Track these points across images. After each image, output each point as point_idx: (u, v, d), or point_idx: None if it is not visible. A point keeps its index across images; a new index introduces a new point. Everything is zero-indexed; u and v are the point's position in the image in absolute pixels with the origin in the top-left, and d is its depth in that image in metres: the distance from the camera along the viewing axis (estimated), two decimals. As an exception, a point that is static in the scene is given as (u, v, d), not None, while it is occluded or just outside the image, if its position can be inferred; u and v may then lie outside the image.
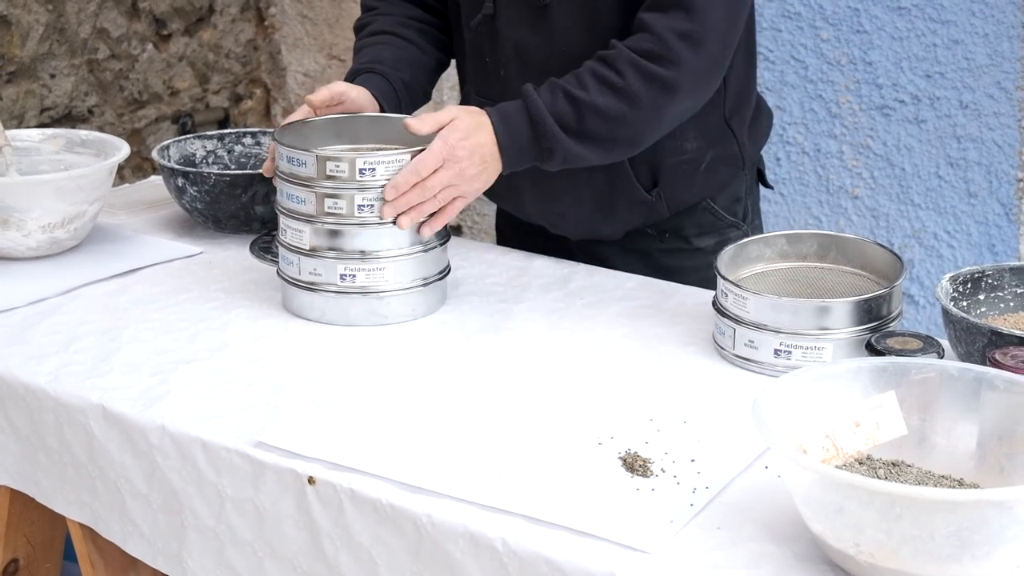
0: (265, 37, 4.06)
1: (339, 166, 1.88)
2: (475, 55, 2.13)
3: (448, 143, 1.89)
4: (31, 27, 3.39)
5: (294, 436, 1.61)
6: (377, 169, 1.88)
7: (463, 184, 1.91)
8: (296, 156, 1.92)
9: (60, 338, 1.90)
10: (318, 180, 1.89)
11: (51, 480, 1.81)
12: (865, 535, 1.29)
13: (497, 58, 2.08)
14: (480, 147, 1.91)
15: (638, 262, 2.16)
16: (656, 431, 1.62)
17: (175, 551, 1.70)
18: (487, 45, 2.10)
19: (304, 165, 1.91)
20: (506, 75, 2.09)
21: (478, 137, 1.91)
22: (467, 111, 1.94)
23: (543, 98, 1.93)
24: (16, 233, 2.12)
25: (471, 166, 1.90)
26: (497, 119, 1.93)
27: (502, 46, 2.08)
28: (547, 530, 1.42)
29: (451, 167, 1.89)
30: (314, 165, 1.89)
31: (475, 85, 2.16)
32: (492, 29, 2.08)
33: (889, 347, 1.68)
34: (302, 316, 1.96)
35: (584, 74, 1.93)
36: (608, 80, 1.92)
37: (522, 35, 2.06)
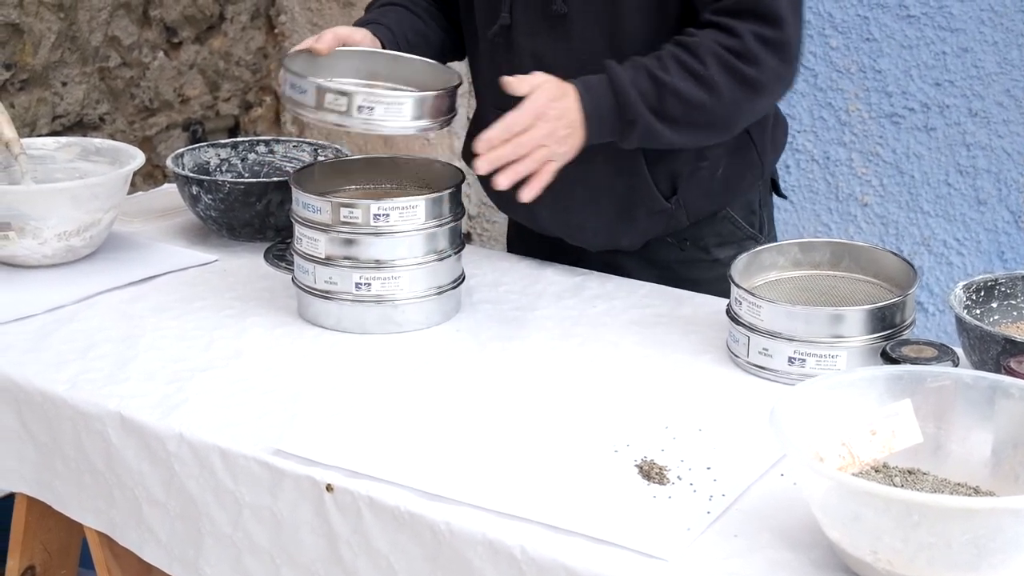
0: (275, 45, 4.07)
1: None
2: (491, 66, 2.13)
3: (537, 105, 1.89)
4: (43, 35, 3.40)
5: (312, 444, 1.62)
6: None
7: (554, 145, 1.90)
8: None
9: (77, 346, 1.91)
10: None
11: (68, 487, 1.82)
12: (882, 542, 1.29)
13: (514, 68, 2.07)
14: (568, 111, 1.91)
15: (656, 273, 2.16)
16: (672, 439, 1.63)
17: (192, 558, 1.71)
18: (503, 55, 2.10)
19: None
20: None
21: (564, 102, 1.91)
22: (551, 78, 1.93)
23: (626, 73, 1.94)
24: (32, 241, 2.13)
25: (561, 127, 1.90)
26: (581, 88, 1.93)
27: (519, 56, 2.08)
28: (565, 537, 1.43)
29: (543, 126, 1.89)
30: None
31: (491, 96, 2.15)
32: (508, 39, 2.09)
33: (904, 355, 1.68)
34: (317, 324, 1.97)
35: (666, 57, 1.94)
36: (690, 67, 1.93)
37: (539, 44, 2.06)
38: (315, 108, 1.86)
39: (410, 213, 1.91)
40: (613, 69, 1.94)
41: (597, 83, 1.94)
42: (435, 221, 1.94)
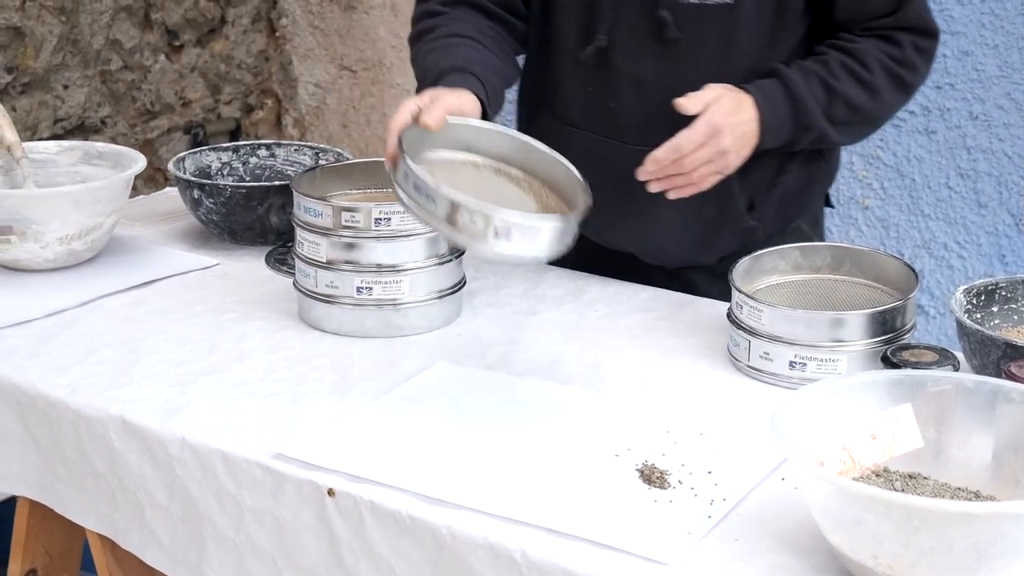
0: (276, 48, 4.08)
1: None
2: (576, 85, 2.10)
3: (712, 122, 1.90)
4: (44, 38, 3.40)
5: (313, 448, 1.62)
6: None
7: (720, 160, 1.92)
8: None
9: (78, 350, 1.91)
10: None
11: (70, 491, 1.82)
12: (883, 547, 1.29)
13: (606, 89, 2.05)
14: (741, 124, 1.93)
15: (726, 287, 2.13)
16: (673, 443, 1.63)
17: (194, 562, 1.71)
18: (594, 76, 2.07)
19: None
20: (616, 107, 2.06)
21: (741, 115, 1.93)
22: (729, 89, 1.95)
23: (800, 79, 1.97)
24: (34, 245, 2.13)
25: (732, 144, 1.92)
26: (759, 96, 1.95)
27: (616, 78, 2.05)
28: (566, 541, 1.43)
29: (713, 145, 1.90)
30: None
31: (567, 113, 2.12)
32: (604, 61, 2.05)
33: (905, 360, 1.68)
34: (319, 328, 1.97)
35: (833, 64, 1.99)
36: (857, 74, 1.98)
37: (643, 68, 2.03)
38: (445, 222, 1.61)
39: (411, 217, 1.91)
40: (787, 76, 1.97)
41: (773, 90, 1.96)
42: (437, 225, 1.93)
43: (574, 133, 2.09)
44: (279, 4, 4.04)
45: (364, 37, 3.92)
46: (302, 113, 4.10)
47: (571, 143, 2.03)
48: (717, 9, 1.98)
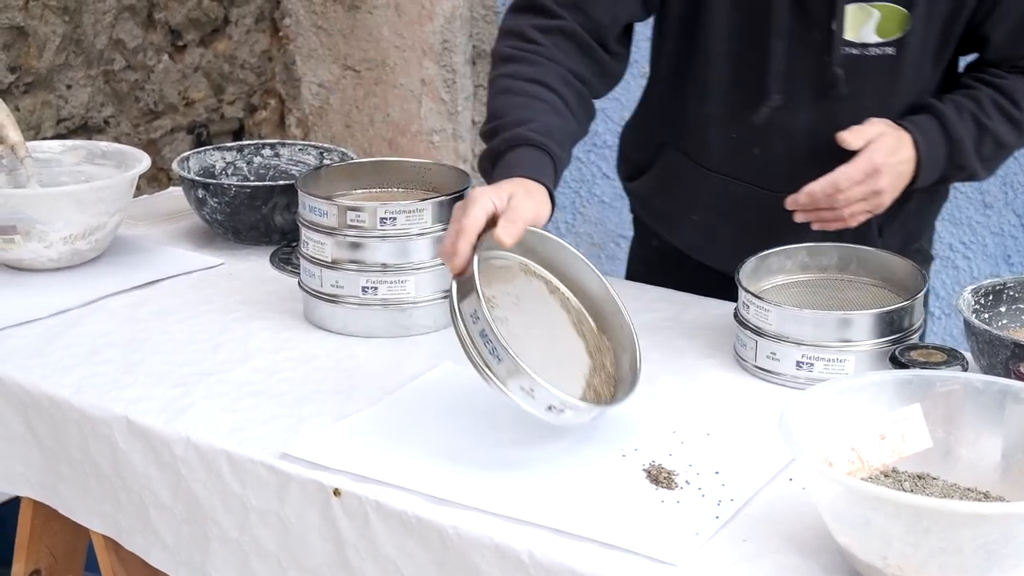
0: (280, 48, 4.07)
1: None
2: (719, 131, 2.05)
3: (873, 161, 1.88)
4: (48, 38, 3.40)
5: (319, 448, 1.61)
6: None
7: (873, 200, 1.91)
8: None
9: (83, 350, 1.91)
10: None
11: (74, 491, 1.82)
12: (892, 548, 1.29)
13: (752, 137, 2.02)
14: (899, 164, 1.92)
15: None
16: (680, 443, 1.62)
17: (199, 563, 1.70)
18: (742, 124, 2.02)
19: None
20: (761, 154, 2.03)
21: (900, 154, 1.92)
22: (890, 126, 1.93)
23: (955, 117, 1.95)
24: (37, 244, 2.13)
25: (888, 185, 1.90)
26: (919, 136, 1.93)
27: (766, 127, 2.01)
28: (573, 542, 1.42)
29: (870, 184, 1.89)
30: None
31: (704, 156, 2.08)
32: (775, 119, 2.01)
33: (913, 360, 1.68)
34: (324, 328, 1.97)
35: (985, 101, 1.98)
36: (1007, 111, 1.98)
37: (800, 119, 2.00)
38: (499, 379, 1.56)
39: (417, 216, 1.91)
40: (943, 113, 1.95)
41: (930, 129, 1.94)
42: (442, 224, 1.93)
43: (711, 176, 2.06)
44: (282, 4, 4.03)
45: (368, 37, 3.91)
46: (305, 113, 4.10)
47: (706, 185, 2.05)
48: (879, 59, 1.95)
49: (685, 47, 2.04)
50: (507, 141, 1.81)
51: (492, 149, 1.83)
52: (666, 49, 2.09)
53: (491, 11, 3.79)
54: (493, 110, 1.89)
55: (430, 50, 3.81)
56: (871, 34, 1.94)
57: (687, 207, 2.15)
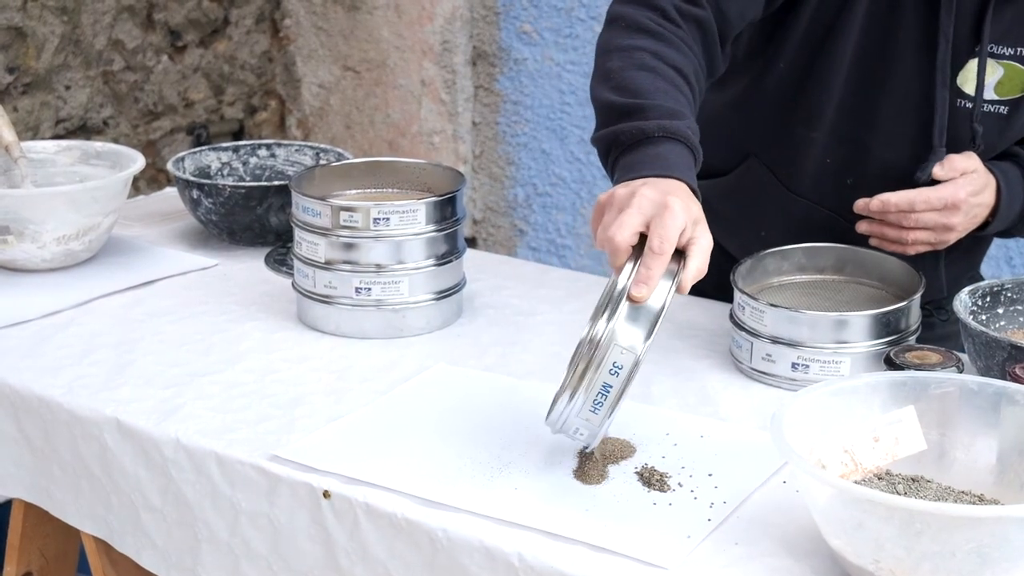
0: (280, 48, 4.07)
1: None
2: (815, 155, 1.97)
3: (956, 196, 1.84)
4: (46, 39, 3.39)
5: (309, 450, 1.60)
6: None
7: (941, 234, 1.87)
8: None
9: (74, 351, 1.90)
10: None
11: (65, 493, 1.81)
12: (885, 551, 1.28)
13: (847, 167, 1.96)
14: (977, 206, 1.88)
15: None
16: (673, 445, 1.61)
17: (189, 565, 1.69)
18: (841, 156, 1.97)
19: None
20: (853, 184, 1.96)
21: (982, 197, 1.88)
22: (980, 167, 1.89)
23: None
24: (31, 245, 2.12)
25: (960, 223, 1.87)
26: (1003, 183, 1.90)
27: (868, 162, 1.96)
28: (564, 545, 1.41)
29: (944, 216, 1.85)
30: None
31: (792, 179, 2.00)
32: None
33: (908, 361, 1.67)
34: (317, 329, 1.96)
35: None
36: None
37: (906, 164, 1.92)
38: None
39: (411, 217, 1.90)
40: None
41: (1015, 178, 1.91)
42: (436, 225, 1.92)
43: (795, 199, 2.00)
44: (282, 5, 4.03)
45: (368, 38, 3.90)
46: (305, 114, 4.09)
47: (787, 206, 2.00)
48: (989, 116, 1.92)
49: (803, 68, 1.93)
50: (664, 129, 1.61)
51: (642, 129, 1.61)
52: (778, 59, 1.94)
53: (491, 12, 3.78)
54: (637, 85, 1.67)
55: (430, 51, 3.80)
56: (989, 91, 1.90)
57: (757, 221, 2.08)
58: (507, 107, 3.80)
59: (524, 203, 3.86)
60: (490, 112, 3.84)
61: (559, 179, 3.79)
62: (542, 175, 3.81)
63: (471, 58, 3.82)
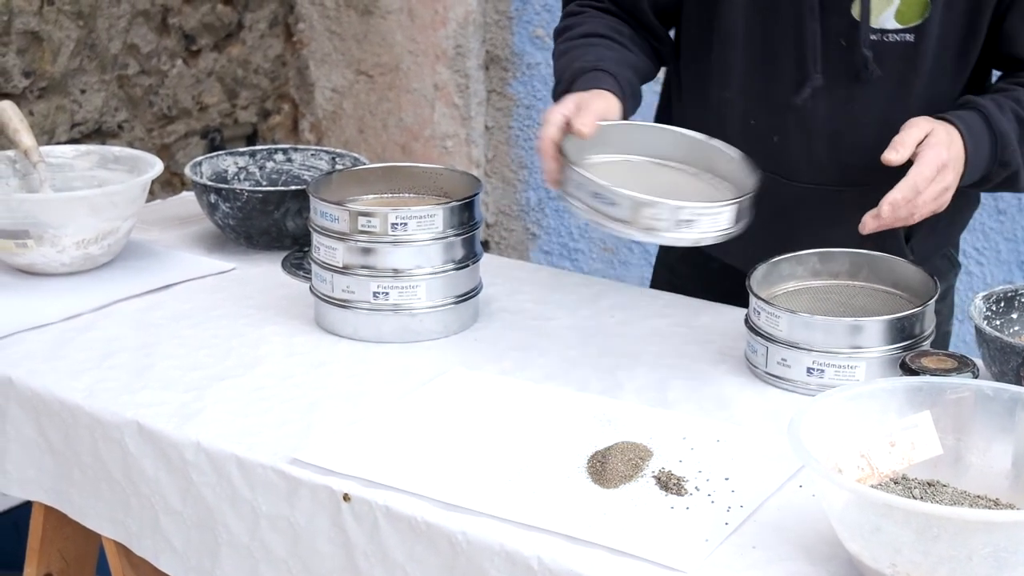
0: (293, 52, 4.08)
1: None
2: (737, 117, 2.02)
3: (940, 157, 1.81)
4: (62, 43, 3.41)
5: (329, 453, 1.61)
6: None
7: (942, 198, 1.84)
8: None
9: (95, 354, 1.91)
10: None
11: (84, 496, 1.82)
12: (902, 555, 1.28)
13: (770, 124, 2.00)
14: (958, 159, 1.85)
15: None
16: (690, 449, 1.62)
17: (208, 568, 1.70)
18: (760, 112, 2.01)
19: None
20: (781, 141, 2.01)
21: (955, 148, 1.85)
22: (934, 122, 1.85)
23: (997, 112, 1.89)
24: (50, 249, 2.13)
25: (953, 179, 1.84)
26: (964, 129, 1.86)
27: (783, 115, 1.99)
28: (582, 548, 1.42)
29: (941, 180, 1.82)
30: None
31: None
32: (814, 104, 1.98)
33: (924, 366, 1.67)
34: (335, 333, 1.97)
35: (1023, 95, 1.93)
36: None
37: (813, 106, 1.97)
38: (628, 223, 1.67)
39: (428, 222, 1.91)
40: (986, 107, 1.89)
41: (974, 121, 1.88)
42: (453, 230, 1.94)
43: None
44: (296, 9, 4.04)
45: (381, 42, 3.92)
46: (319, 118, 4.10)
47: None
48: (898, 46, 1.93)
49: (704, 29, 2.03)
50: (566, 83, 1.97)
51: (557, 99, 1.93)
52: (685, 36, 2.09)
53: (504, 16, 3.79)
54: (556, 72, 2.04)
55: (443, 55, 3.81)
56: (890, 20, 1.93)
57: None
58: (520, 111, 3.81)
59: (537, 207, 3.87)
60: (503, 116, 3.85)
61: (572, 183, 3.79)
62: (555, 179, 3.82)
63: (484, 62, 3.83)
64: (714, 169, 1.86)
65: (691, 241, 1.71)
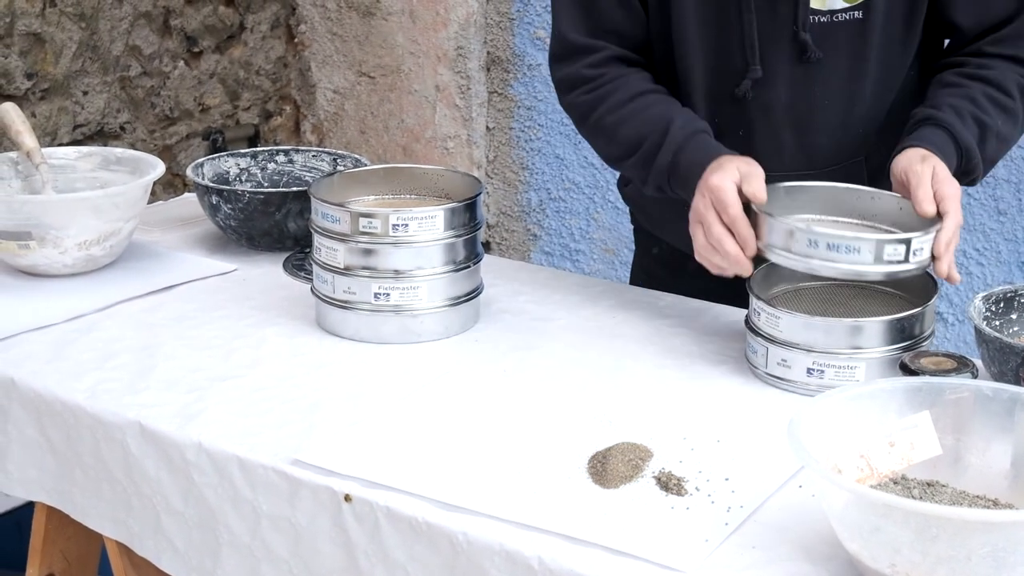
0: (295, 54, 4.08)
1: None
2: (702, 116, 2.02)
3: (956, 194, 1.82)
4: (64, 44, 3.42)
5: (330, 453, 1.62)
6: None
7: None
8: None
9: (97, 355, 1.91)
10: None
11: (86, 497, 1.82)
12: (901, 555, 1.29)
13: (733, 118, 2.02)
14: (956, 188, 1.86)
15: None
16: (690, 449, 1.62)
17: (209, 568, 1.71)
18: (721, 107, 2.03)
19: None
20: (745, 135, 2.03)
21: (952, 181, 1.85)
22: (920, 156, 1.85)
23: (961, 125, 1.91)
24: (52, 250, 2.14)
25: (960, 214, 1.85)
26: (939, 155, 1.87)
27: (744, 107, 2.02)
28: (583, 548, 1.43)
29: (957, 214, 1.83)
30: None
31: None
32: (757, 93, 2.00)
33: (923, 367, 1.68)
34: (336, 334, 1.97)
35: (980, 98, 1.94)
36: (1002, 103, 1.94)
37: (774, 94, 2.00)
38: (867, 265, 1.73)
39: (429, 223, 1.92)
40: (951, 124, 1.90)
41: (944, 144, 1.89)
42: (454, 231, 1.94)
43: None
44: (298, 10, 4.04)
45: (382, 43, 3.92)
46: (320, 119, 4.11)
47: None
48: (847, 24, 1.95)
49: (663, 36, 2.06)
50: (671, 150, 1.93)
51: (661, 166, 1.94)
52: (656, 54, 2.10)
53: (506, 17, 3.80)
54: (627, 141, 1.99)
55: (444, 56, 3.82)
56: (838, 0, 1.95)
57: (682, 202, 2.12)
58: (521, 112, 3.81)
59: (538, 208, 3.88)
60: (504, 117, 3.86)
61: (573, 184, 3.80)
62: (556, 180, 3.83)
63: (485, 63, 3.84)
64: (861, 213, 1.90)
65: (913, 270, 1.76)
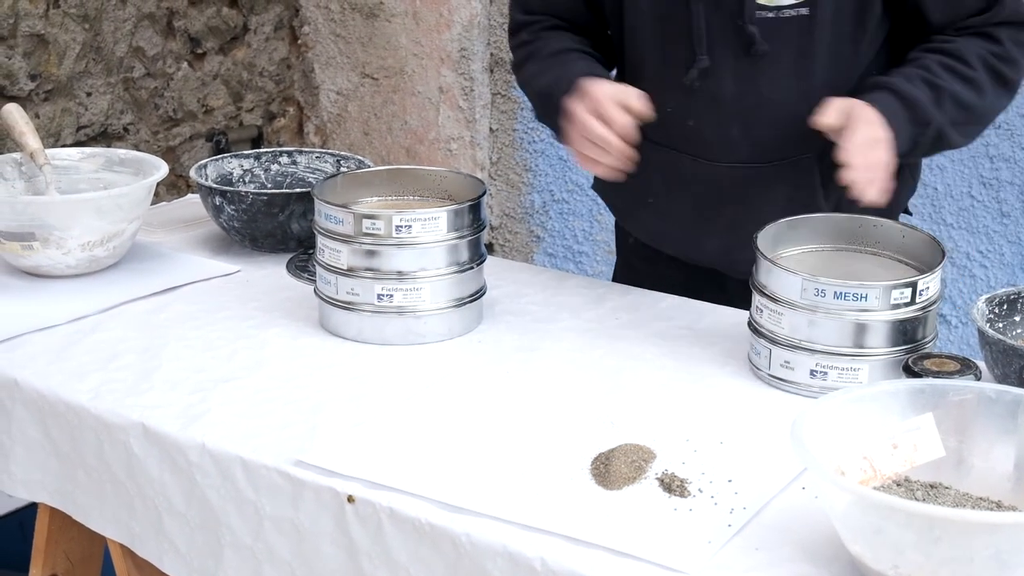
0: (298, 55, 4.08)
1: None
2: (655, 105, 2.02)
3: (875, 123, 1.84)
4: (68, 46, 3.42)
5: (333, 455, 1.62)
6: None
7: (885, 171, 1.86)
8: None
9: (100, 356, 1.92)
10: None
11: (89, 498, 1.83)
12: (904, 557, 1.29)
13: (684, 108, 2.04)
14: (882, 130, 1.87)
15: None
16: (693, 451, 1.62)
17: (212, 570, 1.71)
18: (673, 96, 2.05)
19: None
20: (696, 125, 2.05)
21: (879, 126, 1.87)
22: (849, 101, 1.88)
23: (903, 83, 1.92)
24: (56, 251, 2.14)
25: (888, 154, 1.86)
26: (877, 107, 1.87)
27: (694, 97, 2.03)
28: (585, 550, 1.43)
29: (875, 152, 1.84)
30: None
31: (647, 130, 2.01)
32: (705, 83, 2.03)
33: (926, 369, 1.68)
34: (339, 335, 1.97)
35: (932, 65, 1.95)
36: (958, 71, 1.94)
37: (723, 86, 2.02)
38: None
39: (432, 224, 1.92)
40: (891, 82, 1.92)
41: (880, 97, 1.90)
42: (457, 233, 1.94)
43: (658, 150, 2.07)
44: (301, 12, 4.05)
45: (386, 45, 3.92)
46: (324, 121, 4.11)
47: (654, 162, 2.05)
48: (794, 20, 1.96)
49: (618, 27, 2.11)
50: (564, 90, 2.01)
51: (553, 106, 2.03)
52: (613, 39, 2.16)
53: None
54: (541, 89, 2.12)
55: (448, 58, 3.82)
56: None
57: (642, 191, 2.16)
58: (524, 114, 3.81)
59: (541, 209, 3.88)
60: (507, 119, 3.86)
61: (576, 186, 3.80)
62: (559, 182, 3.83)
63: (489, 65, 3.84)
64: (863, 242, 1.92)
65: None
